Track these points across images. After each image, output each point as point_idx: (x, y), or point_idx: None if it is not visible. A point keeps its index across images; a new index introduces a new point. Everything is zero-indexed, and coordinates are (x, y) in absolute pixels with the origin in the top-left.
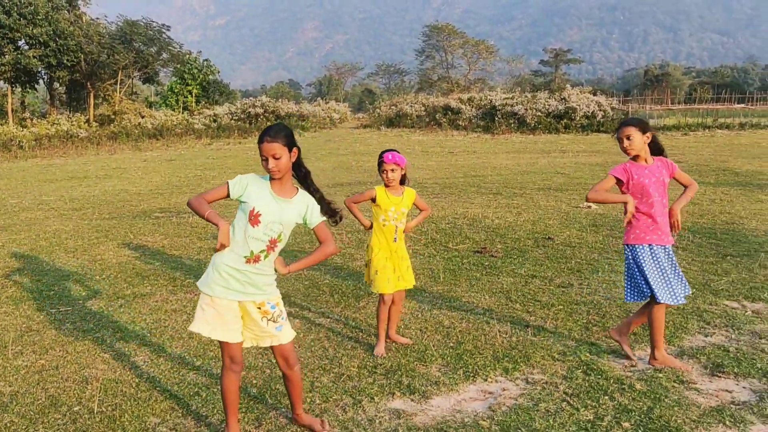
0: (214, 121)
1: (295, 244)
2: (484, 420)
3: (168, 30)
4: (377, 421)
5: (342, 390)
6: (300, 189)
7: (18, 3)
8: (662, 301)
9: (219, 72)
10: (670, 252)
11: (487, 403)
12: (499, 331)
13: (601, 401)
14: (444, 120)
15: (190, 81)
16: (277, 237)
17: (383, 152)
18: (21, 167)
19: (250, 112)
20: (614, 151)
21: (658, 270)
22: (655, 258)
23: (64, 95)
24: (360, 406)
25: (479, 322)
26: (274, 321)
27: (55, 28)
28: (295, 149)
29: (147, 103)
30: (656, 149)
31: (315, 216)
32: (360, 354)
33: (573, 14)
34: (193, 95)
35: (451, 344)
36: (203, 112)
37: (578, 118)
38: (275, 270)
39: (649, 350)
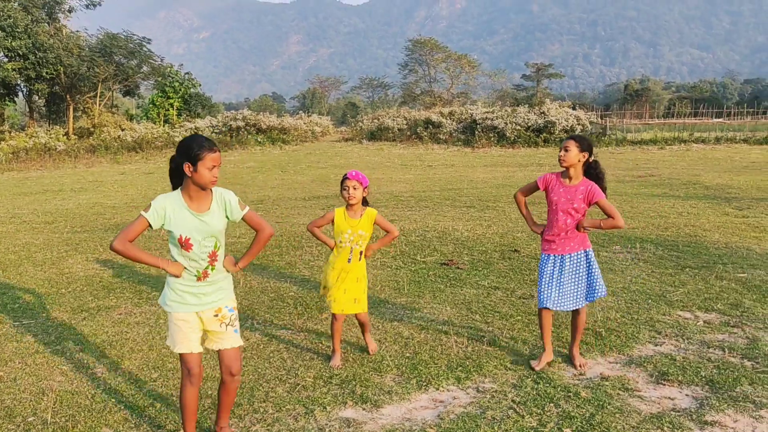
0: (195, 133)
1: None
2: (431, 428)
3: (149, 43)
4: (327, 429)
5: (296, 400)
6: (212, 189)
7: None
8: (544, 305)
9: (200, 85)
10: (568, 261)
11: (437, 412)
12: (456, 342)
13: (546, 408)
14: (425, 134)
15: (171, 94)
16: (215, 248)
17: (349, 171)
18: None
19: (231, 125)
20: None
21: (541, 275)
22: (545, 264)
23: (43, 108)
24: (312, 415)
25: (438, 332)
26: (231, 325)
27: (35, 41)
28: None
29: (128, 116)
30: (591, 174)
31: (236, 209)
32: (317, 365)
33: (554, 29)
34: (175, 108)
35: (408, 354)
36: (184, 125)
37: (557, 132)
38: (227, 270)
39: (599, 358)
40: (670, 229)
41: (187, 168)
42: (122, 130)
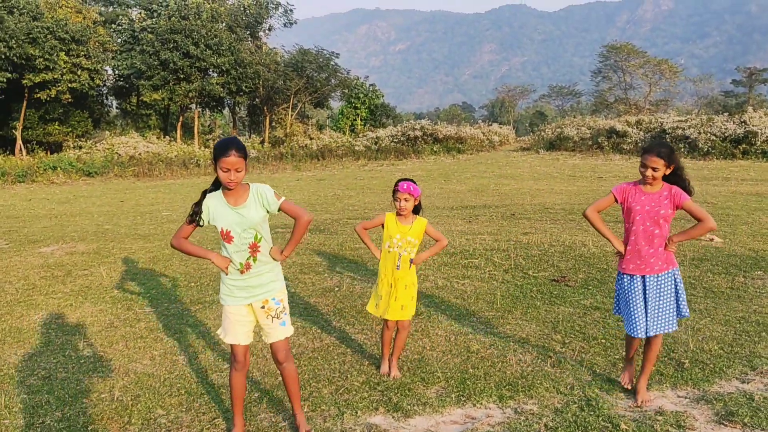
0: (376, 143)
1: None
2: None
3: (337, 57)
4: None
5: (333, 402)
6: (249, 184)
7: (205, 35)
8: (615, 313)
9: (383, 96)
10: (653, 282)
11: (463, 428)
12: (519, 360)
13: None
14: (606, 143)
15: (358, 105)
16: (255, 240)
17: (398, 181)
18: (192, 183)
19: (409, 135)
20: None
21: (625, 299)
22: (629, 287)
23: (246, 119)
24: (341, 418)
25: (507, 349)
26: (277, 317)
27: (237, 58)
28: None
29: (317, 126)
30: (674, 179)
31: (272, 200)
32: (372, 370)
33: None
34: (361, 118)
35: (464, 369)
36: (367, 134)
37: (759, 142)
38: (274, 259)
39: (668, 391)
40: None
41: (213, 168)
42: (310, 139)
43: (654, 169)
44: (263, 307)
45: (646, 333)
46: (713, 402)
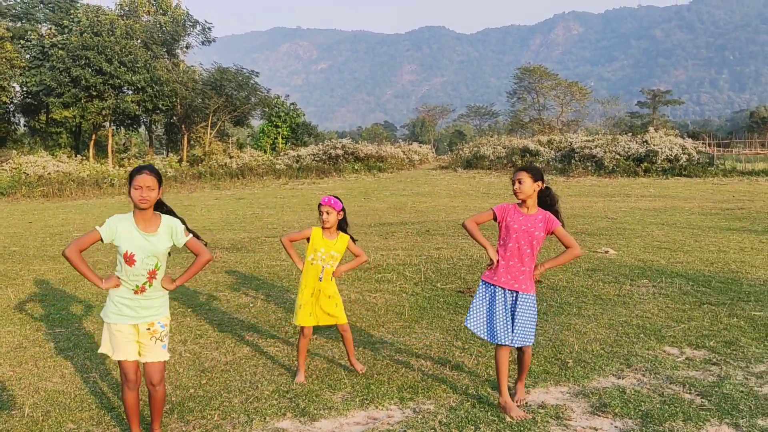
0: (297, 161)
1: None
2: None
3: (257, 76)
4: None
5: (243, 410)
6: (162, 215)
7: (119, 52)
8: (466, 324)
9: (305, 115)
10: (518, 298)
11: (365, 428)
12: (421, 365)
13: (464, 430)
14: (520, 162)
15: (279, 123)
16: (155, 267)
17: (325, 196)
18: (105, 203)
19: (330, 153)
20: (681, 197)
21: (484, 305)
22: (489, 296)
23: (164, 137)
24: (250, 424)
25: (410, 356)
26: (160, 340)
27: (153, 75)
28: (161, 187)
29: (238, 145)
30: (544, 202)
31: (181, 235)
32: (283, 380)
33: (679, 54)
34: (282, 137)
35: (369, 375)
36: (288, 152)
37: (660, 161)
38: (164, 288)
39: (551, 388)
40: (716, 264)
41: (128, 192)
42: (230, 157)
43: (520, 181)
44: (149, 329)
45: (513, 342)
46: (590, 395)
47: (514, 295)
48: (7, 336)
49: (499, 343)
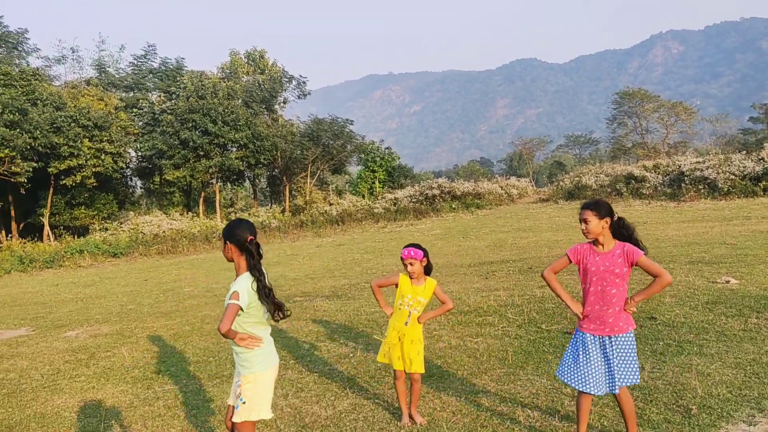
0: (395, 204)
1: None
2: None
3: (351, 124)
4: None
5: None
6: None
7: (222, 113)
8: (557, 373)
9: (400, 157)
10: (610, 342)
11: None
12: (528, 416)
13: None
14: (625, 189)
15: (375, 168)
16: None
17: (404, 247)
18: (214, 257)
19: (427, 194)
20: None
21: (574, 355)
22: (581, 343)
23: (267, 189)
24: None
25: (516, 406)
26: (238, 396)
27: (254, 132)
28: (226, 245)
29: (337, 192)
30: (620, 234)
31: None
32: (387, 426)
33: None
34: (379, 181)
35: (473, 428)
36: (385, 196)
37: None
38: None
39: None
40: None
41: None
42: (330, 204)
43: (585, 221)
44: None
45: (613, 389)
46: None
47: (606, 339)
48: (119, 395)
49: (590, 392)
